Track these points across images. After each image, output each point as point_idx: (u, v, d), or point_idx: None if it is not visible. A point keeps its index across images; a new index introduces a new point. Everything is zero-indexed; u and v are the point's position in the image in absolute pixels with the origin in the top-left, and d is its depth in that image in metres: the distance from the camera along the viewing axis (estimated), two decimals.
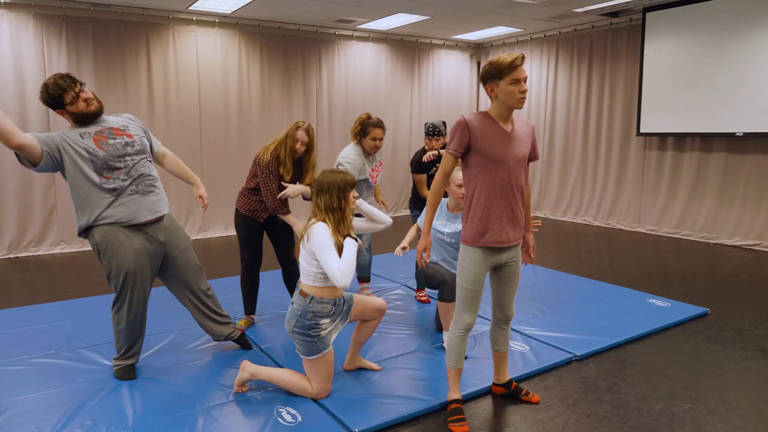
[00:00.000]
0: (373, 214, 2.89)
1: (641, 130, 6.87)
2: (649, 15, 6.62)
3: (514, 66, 2.30)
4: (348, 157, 3.83)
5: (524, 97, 2.36)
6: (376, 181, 4.02)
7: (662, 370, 3.07)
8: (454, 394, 2.61)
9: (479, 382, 2.86)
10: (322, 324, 2.61)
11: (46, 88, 2.72)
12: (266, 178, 3.44)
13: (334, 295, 2.64)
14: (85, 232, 2.85)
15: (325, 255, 2.48)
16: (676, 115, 6.51)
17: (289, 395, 2.73)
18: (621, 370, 3.08)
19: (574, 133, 7.93)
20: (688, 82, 6.36)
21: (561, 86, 8.05)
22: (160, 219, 2.95)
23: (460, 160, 2.49)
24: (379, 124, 3.85)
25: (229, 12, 6.56)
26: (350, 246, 2.53)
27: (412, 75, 8.56)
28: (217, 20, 6.81)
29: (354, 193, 2.64)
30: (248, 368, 2.75)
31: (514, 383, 2.78)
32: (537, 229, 2.77)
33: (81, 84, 2.78)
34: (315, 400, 2.68)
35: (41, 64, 5.88)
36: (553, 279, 4.83)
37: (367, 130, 3.83)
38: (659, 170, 6.97)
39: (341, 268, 2.46)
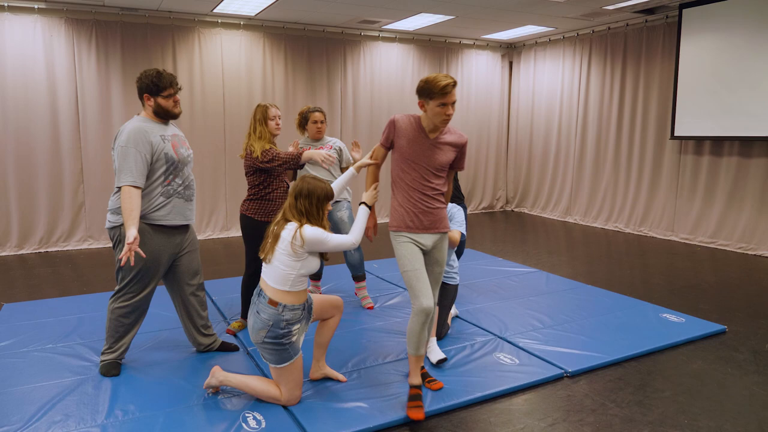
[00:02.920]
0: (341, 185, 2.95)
1: (676, 133, 6.51)
2: (685, 12, 6.27)
3: (444, 92, 2.50)
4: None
5: (448, 119, 2.59)
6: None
7: (659, 392, 2.87)
8: (414, 380, 2.67)
9: (464, 395, 2.76)
10: (294, 330, 2.59)
11: (158, 74, 2.87)
12: (271, 157, 3.34)
13: (303, 299, 2.63)
14: (115, 221, 2.89)
15: (332, 241, 2.58)
16: (713, 118, 6.14)
17: (260, 400, 2.71)
18: (613, 389, 2.90)
19: (606, 136, 7.61)
20: (727, 83, 5.98)
21: (594, 87, 7.74)
22: (187, 226, 3.09)
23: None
24: (318, 109, 4.04)
25: (254, 14, 6.64)
26: (362, 214, 2.74)
27: None
28: (241, 22, 6.90)
29: (328, 206, 2.67)
30: (218, 375, 2.73)
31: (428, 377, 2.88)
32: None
33: (180, 88, 2.99)
34: (284, 407, 2.65)
35: (72, 66, 6.12)
36: (565, 288, 4.63)
37: (307, 116, 4.02)
38: (695, 176, 6.59)
39: (352, 235, 2.67)
